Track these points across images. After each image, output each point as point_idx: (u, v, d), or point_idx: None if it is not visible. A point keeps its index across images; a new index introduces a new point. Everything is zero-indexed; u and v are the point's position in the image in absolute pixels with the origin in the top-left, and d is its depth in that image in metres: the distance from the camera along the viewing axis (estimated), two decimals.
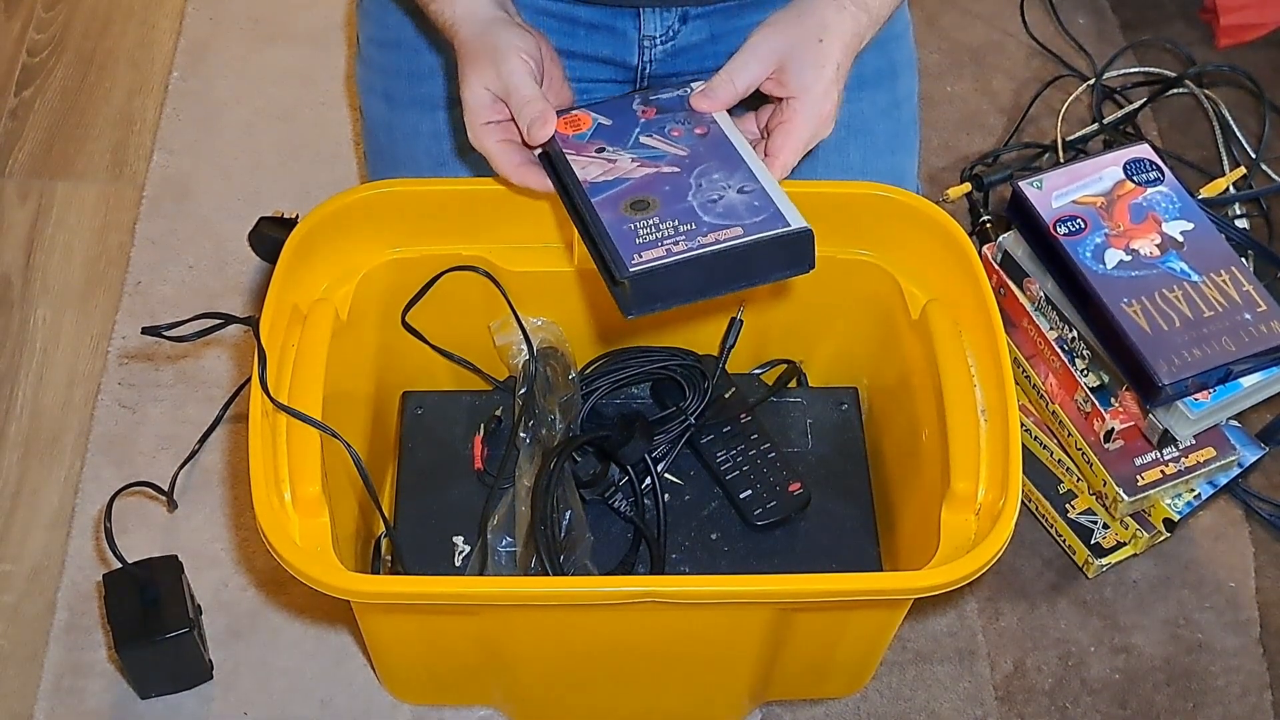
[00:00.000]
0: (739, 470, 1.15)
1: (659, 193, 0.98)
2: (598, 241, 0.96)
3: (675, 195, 0.98)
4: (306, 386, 1.02)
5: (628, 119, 1.05)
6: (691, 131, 1.03)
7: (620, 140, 1.03)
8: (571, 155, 1.02)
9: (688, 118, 1.04)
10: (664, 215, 0.96)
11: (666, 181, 0.99)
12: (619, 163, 1.01)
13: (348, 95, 1.66)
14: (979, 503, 1.01)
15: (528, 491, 1.11)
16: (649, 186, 0.99)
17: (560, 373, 1.16)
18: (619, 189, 0.99)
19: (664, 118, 1.05)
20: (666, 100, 1.06)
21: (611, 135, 1.04)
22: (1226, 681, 1.27)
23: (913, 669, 1.26)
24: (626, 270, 0.92)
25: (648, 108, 1.06)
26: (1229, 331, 1.19)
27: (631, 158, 1.01)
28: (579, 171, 1.00)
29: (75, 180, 1.57)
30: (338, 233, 1.11)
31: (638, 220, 0.95)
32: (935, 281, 1.13)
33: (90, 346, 1.43)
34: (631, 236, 0.94)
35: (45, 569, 1.28)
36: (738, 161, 1.00)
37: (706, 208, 0.96)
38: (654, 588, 0.96)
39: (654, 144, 1.02)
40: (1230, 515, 1.37)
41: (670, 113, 1.05)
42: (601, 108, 1.06)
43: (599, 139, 1.03)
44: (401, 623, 1.07)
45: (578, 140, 1.03)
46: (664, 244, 0.93)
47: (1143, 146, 1.31)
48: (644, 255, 0.93)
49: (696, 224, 0.95)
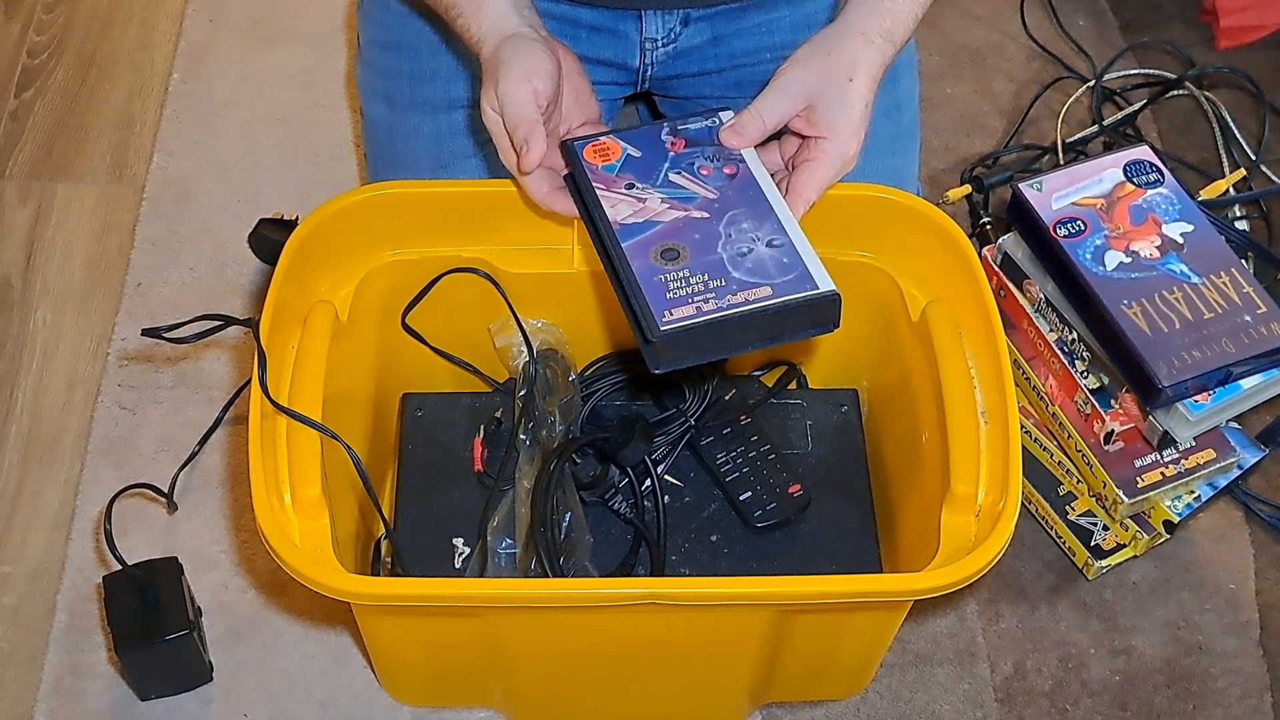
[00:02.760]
0: (739, 472, 1.15)
1: (689, 241, 0.97)
2: (628, 292, 0.96)
3: (705, 245, 0.97)
4: (306, 388, 1.02)
5: (657, 151, 1.04)
6: (720, 170, 1.02)
7: (649, 176, 1.02)
8: (601, 190, 1.01)
9: (716, 153, 1.03)
10: (694, 267, 0.96)
11: (696, 229, 0.98)
12: (648, 202, 1.00)
13: (348, 97, 1.66)
14: (979, 504, 1.01)
15: (528, 493, 1.11)
16: (679, 233, 0.98)
17: (560, 374, 1.16)
18: (649, 234, 0.98)
19: (693, 152, 1.04)
20: (695, 132, 1.05)
21: (641, 170, 1.03)
22: (1226, 683, 1.27)
23: (913, 671, 1.26)
24: (658, 330, 0.92)
25: (676, 139, 1.05)
26: (1229, 333, 1.19)
27: (661, 197, 1.00)
28: (609, 210, 1.00)
29: (75, 182, 1.57)
30: (338, 234, 1.11)
31: (668, 271, 0.95)
32: (935, 283, 1.13)
33: (90, 348, 1.43)
34: (662, 290, 0.94)
35: (45, 571, 1.28)
36: (766, 210, 0.99)
37: (736, 262, 0.96)
38: (654, 589, 0.96)
39: (683, 183, 1.01)
40: (1230, 517, 1.37)
41: (699, 146, 1.04)
42: (630, 136, 1.05)
43: (628, 173, 1.02)
44: (402, 624, 1.07)
45: (606, 173, 1.02)
46: (694, 301, 0.94)
47: (1143, 148, 1.31)
48: (674, 313, 0.93)
49: (726, 280, 0.95)
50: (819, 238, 1.15)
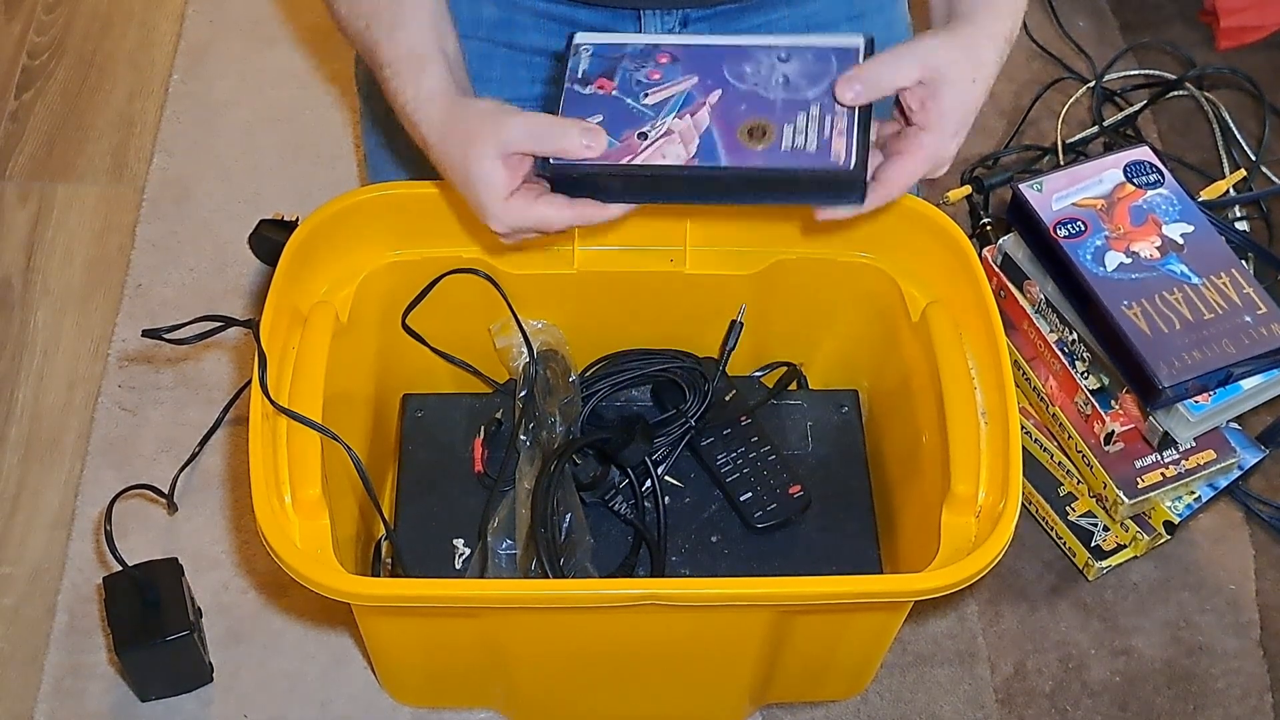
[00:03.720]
0: (739, 473, 1.15)
1: (750, 111, 0.94)
2: (800, 174, 0.92)
3: (759, 105, 0.94)
4: (307, 389, 1.02)
5: (604, 102, 0.97)
6: (660, 65, 0.98)
7: (634, 119, 0.95)
8: (626, 159, 0.94)
9: (632, 65, 0.98)
10: (788, 116, 0.93)
11: (737, 100, 0.95)
12: (673, 130, 0.94)
13: (347, 96, 1.66)
14: (979, 505, 1.01)
15: (528, 494, 1.11)
16: (731, 114, 0.94)
17: (560, 375, 1.16)
18: (720, 136, 0.93)
19: (625, 74, 0.98)
20: (594, 68, 0.99)
21: (622, 121, 0.95)
22: (1227, 684, 1.27)
23: (913, 671, 1.26)
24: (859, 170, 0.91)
25: (596, 80, 0.98)
26: (1229, 334, 1.19)
27: (674, 117, 0.95)
28: (665, 159, 0.93)
29: (75, 182, 1.57)
30: (338, 235, 1.11)
31: (784, 133, 0.93)
32: (935, 284, 1.13)
33: (90, 349, 1.43)
34: (828, 148, 0.92)
35: (45, 571, 1.28)
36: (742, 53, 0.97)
37: (787, 88, 0.94)
38: (654, 590, 0.96)
39: (663, 93, 0.97)
40: (1230, 518, 1.37)
41: (613, 70, 0.98)
42: (569, 109, 0.97)
43: (623, 129, 0.95)
44: (402, 625, 1.07)
45: (611, 149, 0.94)
46: (832, 130, 0.92)
47: (1143, 149, 1.31)
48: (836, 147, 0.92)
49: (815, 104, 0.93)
50: (819, 238, 1.15)
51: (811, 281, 1.18)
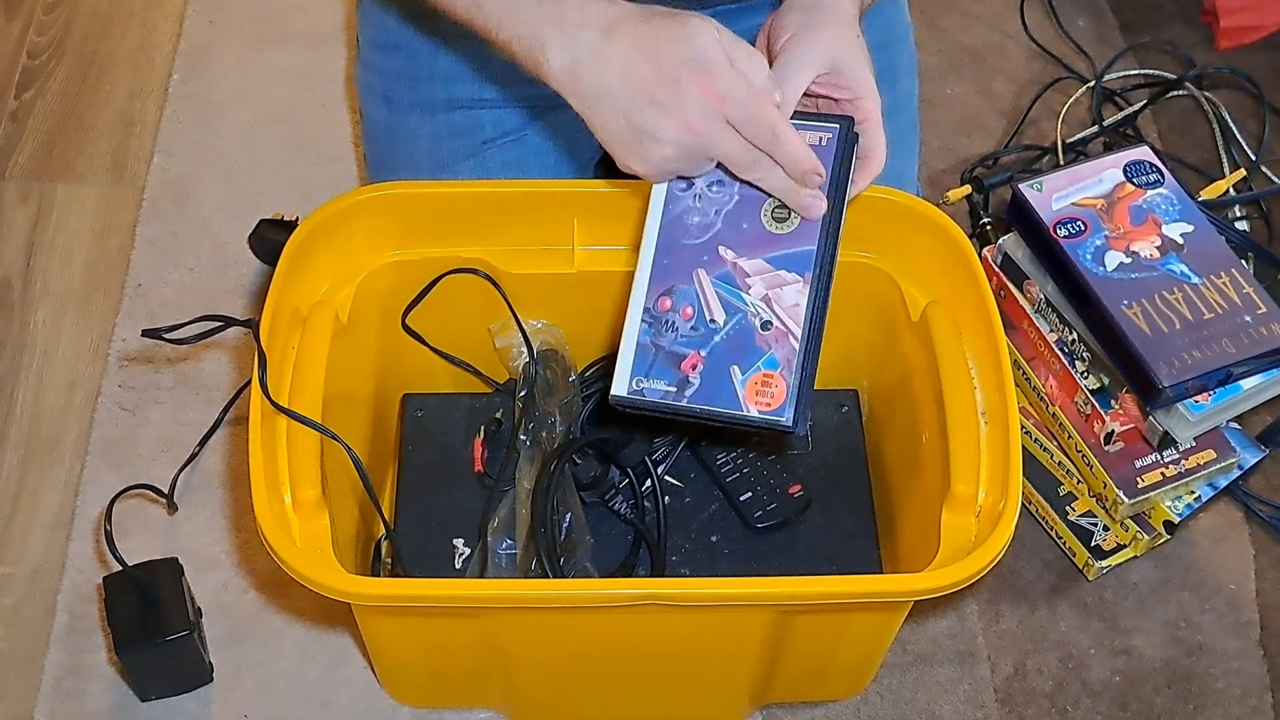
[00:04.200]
0: (739, 472, 1.15)
1: (747, 211, 0.95)
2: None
3: (742, 207, 0.96)
4: (306, 389, 1.02)
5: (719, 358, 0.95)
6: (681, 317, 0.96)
7: (747, 332, 0.95)
8: (800, 341, 0.94)
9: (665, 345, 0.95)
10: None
11: (732, 232, 0.95)
12: (757, 283, 0.95)
13: (348, 97, 1.66)
14: (979, 505, 1.01)
15: (528, 494, 1.11)
16: (746, 237, 0.95)
17: (560, 375, 1.16)
18: (764, 243, 0.95)
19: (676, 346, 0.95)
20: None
21: (747, 338, 0.95)
22: (1227, 684, 1.27)
23: (913, 671, 1.26)
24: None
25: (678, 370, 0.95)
26: (1229, 334, 1.19)
27: (739, 292, 0.95)
28: (796, 312, 0.94)
29: (75, 183, 1.57)
30: (338, 235, 1.11)
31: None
32: (935, 283, 1.13)
33: (90, 349, 1.43)
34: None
35: (45, 571, 1.28)
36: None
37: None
38: (654, 590, 0.96)
39: (714, 304, 0.95)
40: (1230, 517, 1.37)
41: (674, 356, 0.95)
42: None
43: (750, 342, 0.95)
44: (402, 625, 1.07)
45: (783, 373, 0.94)
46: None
47: (1143, 149, 1.31)
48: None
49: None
50: None
51: None
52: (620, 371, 0.95)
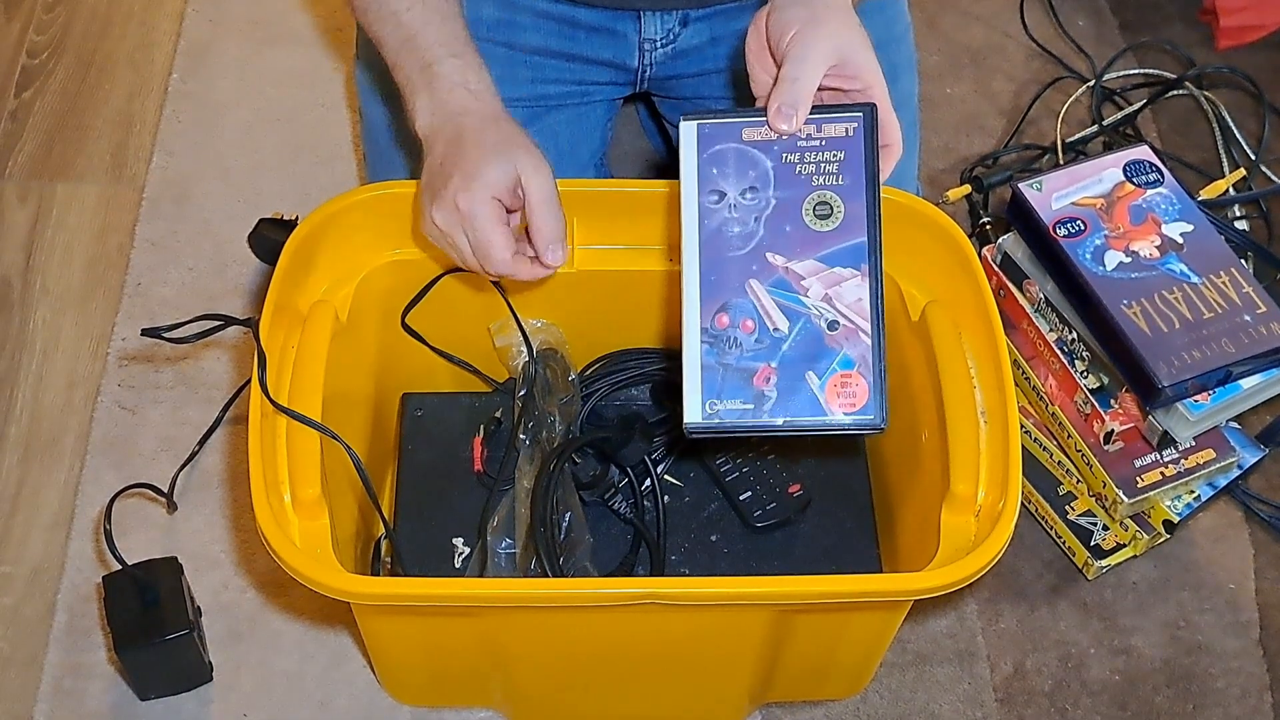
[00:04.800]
0: (739, 472, 1.15)
1: (784, 220, 0.93)
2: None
3: (780, 215, 0.94)
4: (306, 388, 1.02)
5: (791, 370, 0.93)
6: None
7: (818, 336, 0.93)
8: (871, 336, 0.92)
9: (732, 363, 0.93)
10: (800, 184, 0.93)
11: (775, 240, 0.93)
12: (814, 284, 0.93)
13: (347, 97, 1.66)
14: (979, 504, 1.01)
15: (527, 493, 1.11)
16: (789, 240, 0.93)
17: (560, 374, 1.16)
18: (812, 243, 0.93)
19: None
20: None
21: (817, 340, 0.92)
22: (1226, 683, 1.27)
23: (913, 670, 1.26)
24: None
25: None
26: (1229, 333, 1.19)
27: (789, 295, 0.93)
28: (859, 301, 0.92)
29: (75, 182, 1.57)
30: (337, 234, 1.11)
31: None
32: (935, 283, 1.13)
33: (90, 348, 1.43)
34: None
35: (45, 571, 1.28)
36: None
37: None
38: (654, 589, 0.96)
39: (773, 311, 0.93)
40: (1230, 517, 1.37)
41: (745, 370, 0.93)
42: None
43: (816, 343, 0.92)
44: (401, 624, 1.07)
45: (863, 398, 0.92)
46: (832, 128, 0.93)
47: (1142, 148, 1.31)
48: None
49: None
50: None
51: None
52: (690, 398, 0.91)
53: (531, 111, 1.24)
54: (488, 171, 0.98)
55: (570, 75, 1.25)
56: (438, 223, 1.00)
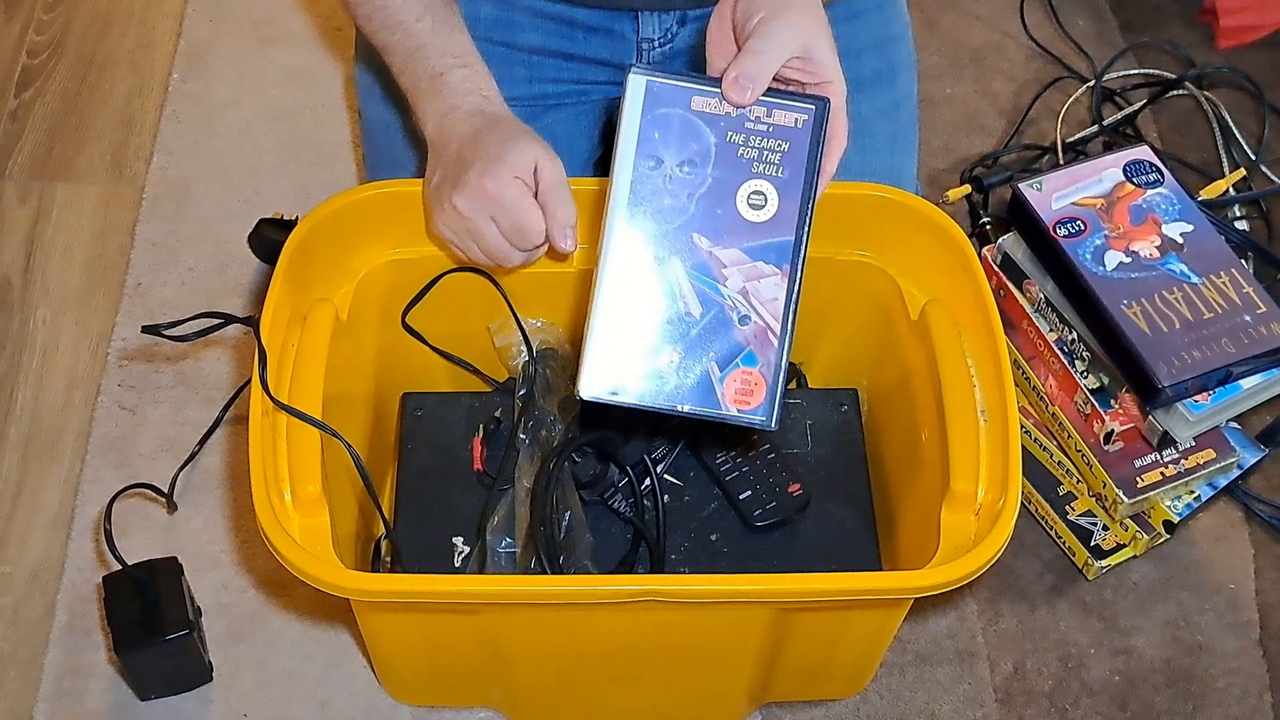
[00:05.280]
0: (738, 471, 1.15)
1: (718, 199, 0.91)
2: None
3: (717, 190, 0.91)
4: (306, 387, 1.02)
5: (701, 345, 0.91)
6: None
7: (726, 322, 0.91)
8: (781, 326, 0.91)
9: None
10: (740, 166, 0.91)
11: (705, 218, 0.91)
12: (733, 272, 0.91)
13: (347, 97, 1.67)
14: (979, 503, 1.01)
15: (527, 492, 1.11)
16: (721, 225, 0.91)
17: (560, 374, 1.16)
18: (741, 231, 0.91)
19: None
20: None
21: (726, 330, 0.91)
22: (1226, 683, 1.27)
23: (912, 670, 1.26)
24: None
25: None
26: (1229, 333, 1.19)
27: (716, 283, 0.91)
28: (780, 297, 0.91)
29: (75, 182, 1.57)
30: (337, 234, 1.11)
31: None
32: (935, 283, 1.13)
33: (90, 348, 1.43)
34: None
35: (45, 571, 1.28)
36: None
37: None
38: (654, 586, 0.96)
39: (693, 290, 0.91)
40: (1230, 517, 1.37)
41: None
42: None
43: (732, 335, 0.91)
44: (402, 623, 1.07)
45: (763, 368, 0.91)
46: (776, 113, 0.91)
47: (1142, 148, 1.31)
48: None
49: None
50: (819, 237, 1.15)
51: (811, 280, 1.16)
52: (590, 367, 0.89)
53: (529, 111, 1.23)
54: (510, 154, 1.00)
55: (568, 75, 1.25)
56: (461, 209, 1.01)
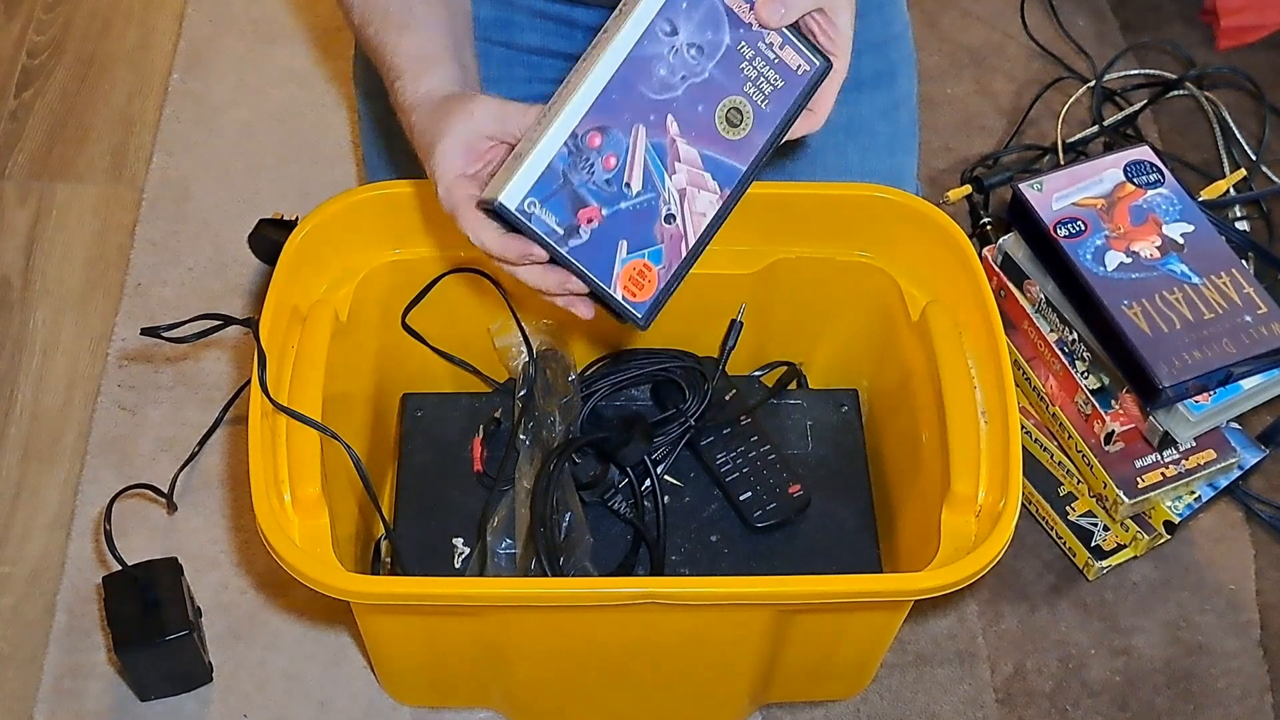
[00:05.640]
0: (739, 472, 1.15)
1: (707, 104, 0.89)
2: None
3: (705, 92, 0.89)
4: (306, 388, 1.02)
5: (611, 230, 0.90)
6: (597, 150, 0.89)
7: (647, 214, 0.91)
8: (686, 253, 0.92)
9: (581, 173, 0.89)
10: (735, 79, 0.89)
11: (687, 108, 0.89)
12: (682, 186, 0.91)
13: (347, 97, 1.66)
14: (979, 504, 1.01)
15: (527, 493, 1.11)
16: (699, 124, 0.89)
17: (560, 374, 1.16)
18: (717, 151, 0.90)
19: (588, 189, 0.89)
20: (560, 213, 0.89)
21: (643, 227, 0.91)
22: (1227, 684, 1.27)
23: (913, 671, 1.26)
24: None
25: (578, 220, 0.90)
26: (1229, 334, 1.19)
27: (669, 177, 0.91)
28: (707, 215, 0.91)
29: (75, 182, 1.57)
30: (337, 234, 1.11)
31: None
32: (935, 283, 1.13)
33: (90, 348, 1.43)
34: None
35: (45, 571, 1.28)
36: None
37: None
38: (654, 589, 0.96)
39: (636, 170, 0.91)
40: (1230, 518, 1.37)
41: (575, 195, 0.89)
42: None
43: (649, 231, 0.91)
44: (401, 624, 1.07)
45: (663, 264, 0.92)
46: (779, 52, 0.89)
47: (1143, 148, 1.31)
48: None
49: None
50: (819, 237, 1.15)
51: (811, 281, 1.18)
52: (517, 182, 0.86)
53: None
54: (438, 164, 0.93)
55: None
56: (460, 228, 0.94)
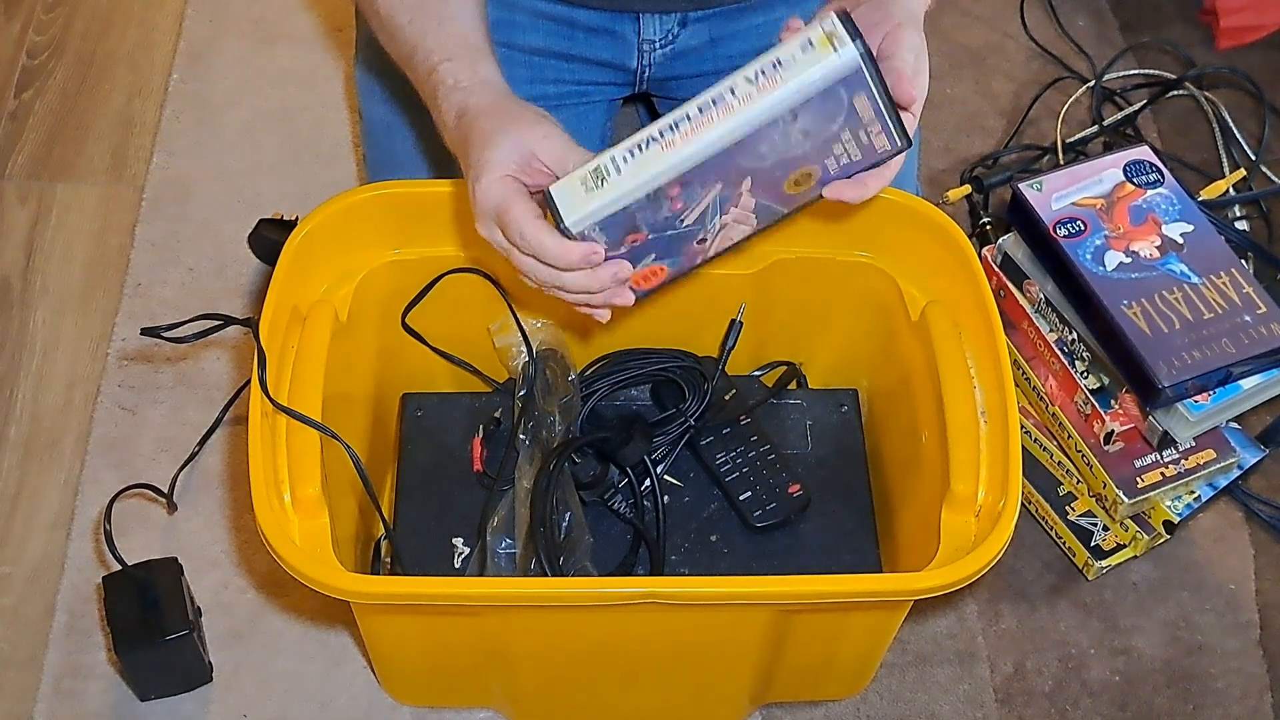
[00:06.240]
0: (739, 472, 1.15)
1: (787, 170, 0.91)
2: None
3: (792, 163, 0.91)
4: (306, 388, 1.02)
5: (647, 247, 0.94)
6: (675, 197, 0.91)
7: (687, 237, 0.94)
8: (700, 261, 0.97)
9: (649, 211, 0.92)
10: (824, 151, 0.90)
11: (769, 173, 0.91)
12: (726, 221, 0.94)
13: (347, 97, 1.66)
14: (979, 504, 1.01)
15: (527, 493, 1.11)
16: (771, 183, 0.91)
17: (560, 374, 1.16)
18: (772, 200, 0.93)
19: (648, 219, 0.92)
20: (612, 233, 0.93)
21: (677, 244, 0.95)
22: (1226, 684, 1.27)
23: (913, 671, 1.26)
24: None
25: (625, 239, 0.93)
26: (1229, 333, 1.19)
27: (720, 216, 0.93)
28: (734, 240, 0.96)
29: (75, 182, 1.57)
30: (337, 234, 1.11)
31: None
32: (935, 283, 1.13)
33: (90, 349, 1.43)
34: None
35: (45, 571, 1.28)
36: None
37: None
38: (654, 588, 0.96)
39: (696, 210, 0.93)
40: (1230, 517, 1.37)
41: (633, 223, 0.92)
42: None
43: (680, 248, 0.95)
44: (401, 624, 1.07)
45: (676, 268, 0.97)
46: (870, 134, 0.90)
47: (1142, 148, 1.31)
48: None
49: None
50: (819, 237, 1.15)
51: (811, 281, 1.18)
52: (586, 209, 0.90)
53: None
54: (493, 156, 0.94)
55: (569, 75, 1.25)
56: (485, 237, 0.95)
